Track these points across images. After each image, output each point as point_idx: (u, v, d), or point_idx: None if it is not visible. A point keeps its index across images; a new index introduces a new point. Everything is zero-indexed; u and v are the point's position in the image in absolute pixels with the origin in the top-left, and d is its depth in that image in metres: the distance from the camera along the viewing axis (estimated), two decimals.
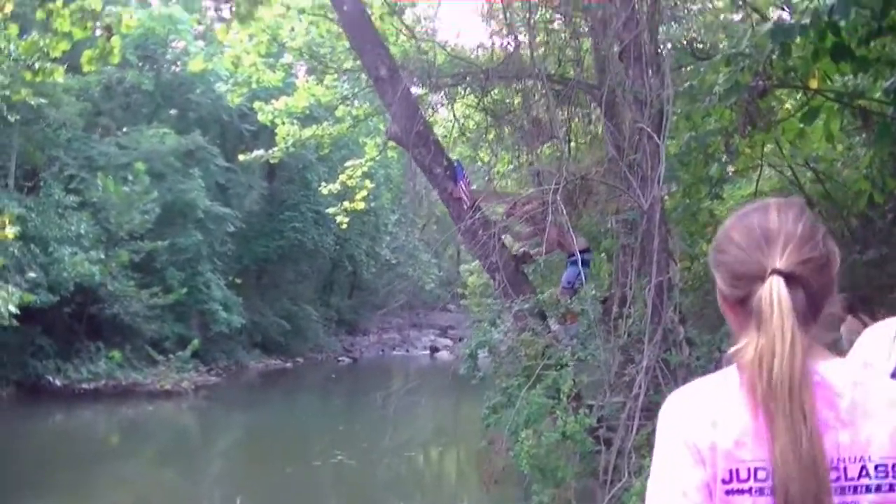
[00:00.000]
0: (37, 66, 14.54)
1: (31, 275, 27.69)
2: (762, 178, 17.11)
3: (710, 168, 11.53)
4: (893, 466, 2.10)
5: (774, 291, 2.14)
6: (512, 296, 10.10)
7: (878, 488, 2.09)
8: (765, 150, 14.48)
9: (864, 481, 2.09)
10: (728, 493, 2.11)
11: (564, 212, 9.37)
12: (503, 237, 11.10)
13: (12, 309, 20.12)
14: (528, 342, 9.36)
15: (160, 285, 34.66)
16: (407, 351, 55.27)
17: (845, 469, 2.09)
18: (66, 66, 15.98)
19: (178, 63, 41.91)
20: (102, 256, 31.25)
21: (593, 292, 10.81)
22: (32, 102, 24.62)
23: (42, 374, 30.82)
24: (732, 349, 2.21)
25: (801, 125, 10.97)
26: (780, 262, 2.17)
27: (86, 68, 15.40)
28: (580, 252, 10.17)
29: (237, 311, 40.13)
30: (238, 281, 42.84)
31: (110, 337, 33.62)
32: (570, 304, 9.85)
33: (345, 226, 25.88)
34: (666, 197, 11.06)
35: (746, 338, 2.16)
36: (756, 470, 2.09)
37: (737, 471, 2.10)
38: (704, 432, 2.15)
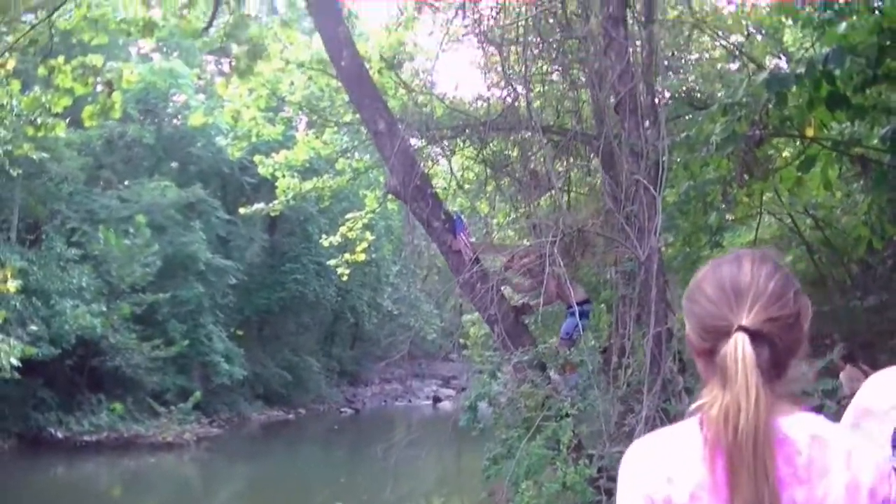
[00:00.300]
0: (39, 121, 14.66)
1: (33, 328, 27.77)
2: (762, 226, 17.16)
3: (709, 217, 11.58)
4: None
5: (739, 348, 2.17)
6: (511, 347, 10.12)
7: None
8: (763, 198, 14.53)
9: None
10: None
11: (562, 263, 9.41)
12: (502, 289, 11.13)
13: (14, 361, 20.17)
14: (527, 394, 9.37)
15: (162, 337, 34.72)
16: (409, 401, 55.18)
17: None
18: (67, 121, 16.12)
19: (179, 117, 42.14)
20: (104, 309, 31.34)
21: (592, 343, 10.84)
22: (35, 157, 24.72)
23: (44, 427, 30.82)
24: (696, 404, 2.25)
25: (799, 173, 11.03)
26: (746, 320, 2.20)
27: (87, 123, 15.52)
28: (579, 304, 10.21)
29: (239, 362, 40.13)
30: (240, 332, 42.88)
31: (112, 389, 33.65)
32: (569, 354, 9.88)
33: (346, 277, 25.89)
34: (664, 247, 11.12)
35: (711, 392, 2.20)
36: None
37: None
38: (660, 486, 2.21)
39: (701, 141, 10.09)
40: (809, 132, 9.69)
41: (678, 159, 10.75)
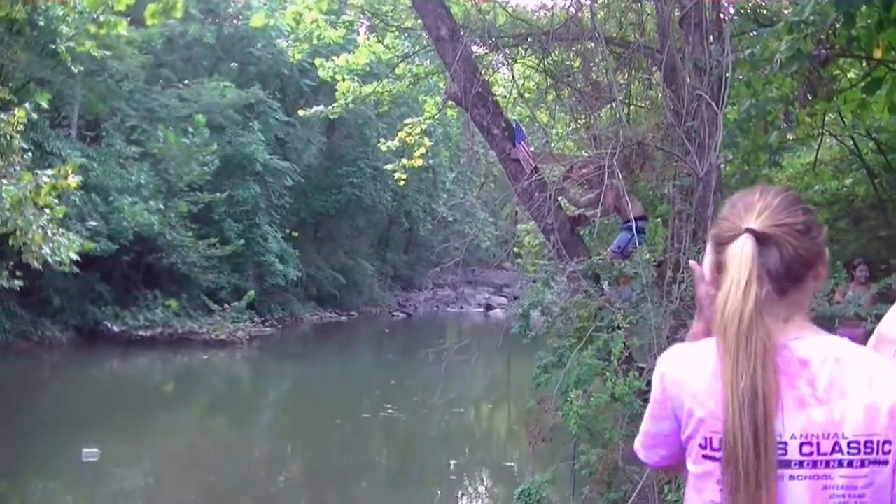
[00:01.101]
0: (101, 18, 14.69)
1: (92, 223, 28.09)
2: (822, 147, 17.01)
3: (770, 136, 11.48)
4: (866, 443, 2.22)
5: (741, 246, 2.32)
6: (566, 257, 10.15)
7: (850, 463, 2.22)
8: (826, 119, 14.40)
9: (837, 456, 2.22)
10: (703, 456, 2.31)
11: (620, 176, 9.40)
12: (560, 199, 11.13)
13: (73, 256, 20.33)
14: (580, 304, 9.41)
15: (218, 236, 35.06)
16: (461, 308, 55.43)
17: (818, 444, 2.23)
18: (129, 20, 16.14)
19: (240, 17, 42.14)
20: (161, 207, 31.66)
21: (647, 256, 10.84)
22: (96, 54, 24.85)
23: (100, 321, 31.35)
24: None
25: (863, 95, 10.89)
26: (753, 223, 2.33)
27: (149, 21, 15.54)
28: (636, 219, 10.20)
29: (293, 263, 40.42)
30: (295, 234, 43.13)
31: (167, 286, 34.09)
32: (624, 267, 9.88)
33: (402, 182, 26.01)
34: (723, 164, 11.06)
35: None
36: (721, 439, 2.25)
37: (710, 439, 2.29)
38: (683, 399, 2.36)
39: (765, 59, 9.96)
40: (877, 54, 9.54)
41: (741, 76, 10.65)
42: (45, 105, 21.37)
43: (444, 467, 17.62)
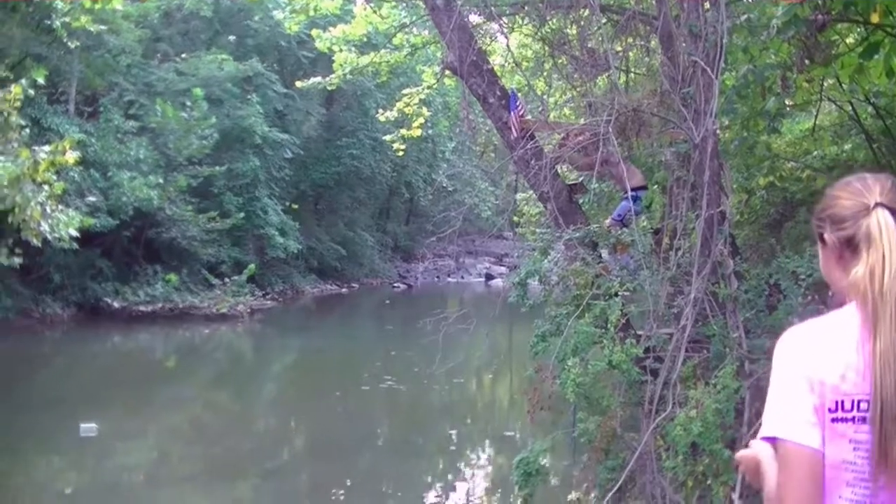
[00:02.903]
0: None
1: (91, 199, 28.11)
2: (821, 113, 16.95)
3: (768, 102, 11.45)
4: None
5: (881, 218, 2.51)
6: (563, 225, 10.14)
7: None
8: (824, 84, 14.34)
9: None
10: (834, 420, 2.42)
11: (617, 143, 9.38)
12: (557, 167, 11.11)
13: (73, 232, 20.38)
14: (578, 272, 9.40)
15: (217, 210, 35.05)
16: (462, 278, 55.53)
17: None
18: None
19: None
20: (161, 181, 31.63)
21: (645, 223, 10.83)
22: (92, 29, 24.85)
23: (101, 297, 31.38)
24: (848, 281, 2.52)
25: (861, 60, 10.86)
26: (881, 198, 2.55)
27: None
28: (636, 189, 10.23)
29: (293, 236, 40.43)
30: (295, 206, 43.10)
31: (168, 260, 34.13)
32: (621, 234, 9.88)
33: (402, 153, 26.06)
34: (720, 130, 11.03)
35: (857, 265, 2.49)
36: (858, 402, 2.39)
37: (841, 402, 2.42)
38: (814, 368, 2.46)
39: (762, 24, 9.94)
40: (875, 18, 9.51)
41: (738, 42, 10.62)
42: (41, 81, 21.35)
43: (445, 437, 17.69)
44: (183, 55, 37.55)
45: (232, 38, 41.10)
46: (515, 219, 17.93)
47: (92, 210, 27.37)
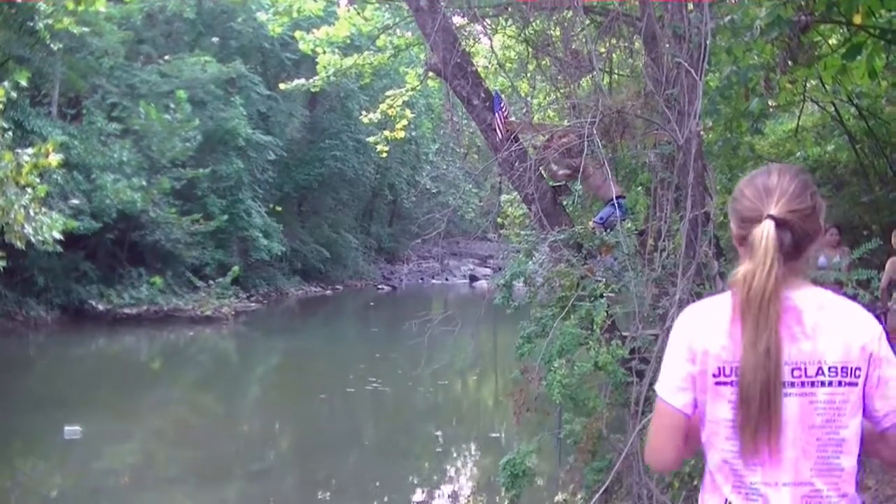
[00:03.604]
0: None
1: (75, 202, 28.06)
2: (804, 114, 17.03)
3: (751, 103, 11.48)
4: (842, 369, 2.88)
5: (764, 231, 2.89)
6: (548, 227, 10.15)
7: (830, 384, 2.88)
8: (807, 85, 14.40)
9: (820, 378, 2.88)
10: (717, 383, 2.92)
11: (600, 145, 9.38)
12: (541, 169, 11.11)
13: (56, 235, 20.33)
14: (563, 273, 9.41)
15: (201, 212, 35.06)
16: (446, 279, 55.59)
17: (805, 369, 2.88)
18: None
19: None
20: (144, 184, 31.64)
21: (629, 225, 10.85)
22: (75, 31, 24.76)
23: (85, 299, 31.35)
24: (731, 276, 2.97)
25: (844, 61, 10.90)
26: (773, 210, 2.92)
27: None
28: (616, 198, 10.27)
29: (277, 238, 40.47)
30: (278, 208, 43.12)
31: (152, 263, 34.13)
32: (606, 236, 9.89)
33: (385, 154, 26.09)
34: (704, 131, 11.05)
35: (741, 266, 2.91)
36: (734, 368, 2.88)
37: (722, 368, 2.91)
38: (700, 340, 2.96)
39: (745, 25, 9.96)
40: (857, 19, 9.54)
41: (722, 43, 10.64)
42: (24, 83, 21.29)
43: (431, 439, 17.68)
44: (166, 57, 37.54)
45: (215, 39, 41.12)
46: (500, 220, 17.89)
47: (75, 213, 27.36)
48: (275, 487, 14.41)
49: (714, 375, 2.92)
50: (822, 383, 2.87)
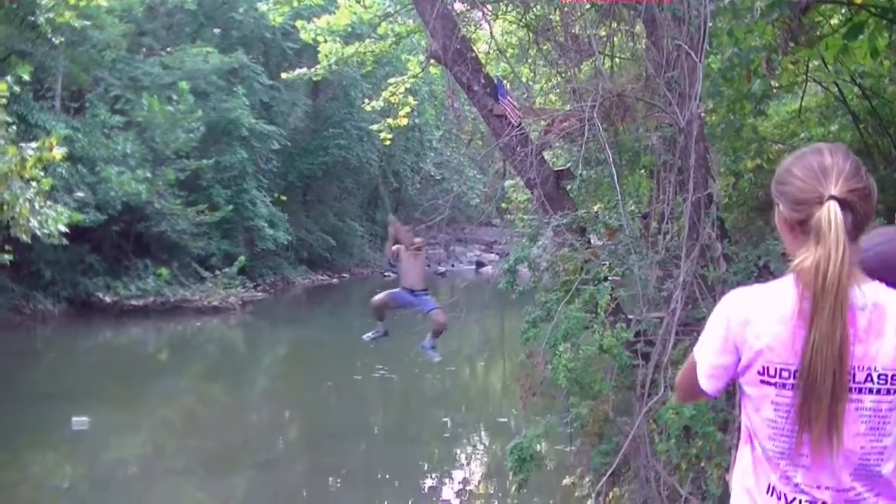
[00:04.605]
0: None
1: (79, 194, 28.09)
2: (807, 95, 16.98)
3: (753, 84, 11.47)
4: (892, 377, 2.72)
5: (832, 213, 2.71)
6: (551, 211, 10.17)
7: (878, 391, 2.73)
8: (809, 66, 14.36)
9: (868, 385, 2.73)
10: (761, 381, 2.81)
11: (601, 128, 9.39)
12: (543, 153, 11.13)
13: (62, 228, 20.38)
14: (566, 257, 9.44)
15: (206, 203, 35.04)
16: (452, 266, 55.50)
17: (854, 374, 2.71)
18: None
19: None
20: (149, 175, 31.62)
21: (632, 208, 10.85)
22: (76, 24, 24.79)
23: (92, 292, 31.34)
24: (793, 263, 2.79)
25: (845, 41, 10.87)
26: (834, 190, 2.75)
27: None
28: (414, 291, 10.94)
29: (283, 227, 40.42)
30: (283, 198, 43.06)
31: (158, 254, 34.11)
32: (609, 219, 9.90)
33: (389, 142, 26.03)
34: (705, 114, 11.04)
35: (805, 252, 2.74)
36: (781, 370, 2.76)
37: (767, 368, 2.78)
38: (747, 335, 2.82)
39: (745, 6, 9.95)
40: None
41: (722, 25, 10.63)
42: (27, 77, 21.35)
43: (439, 425, 17.72)
44: (168, 49, 37.52)
45: (217, 30, 41.03)
46: (504, 206, 17.91)
47: (80, 205, 27.37)
48: (285, 476, 14.45)
49: (759, 373, 2.81)
50: (870, 390, 2.73)
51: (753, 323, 2.80)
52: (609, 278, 8.92)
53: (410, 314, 13.22)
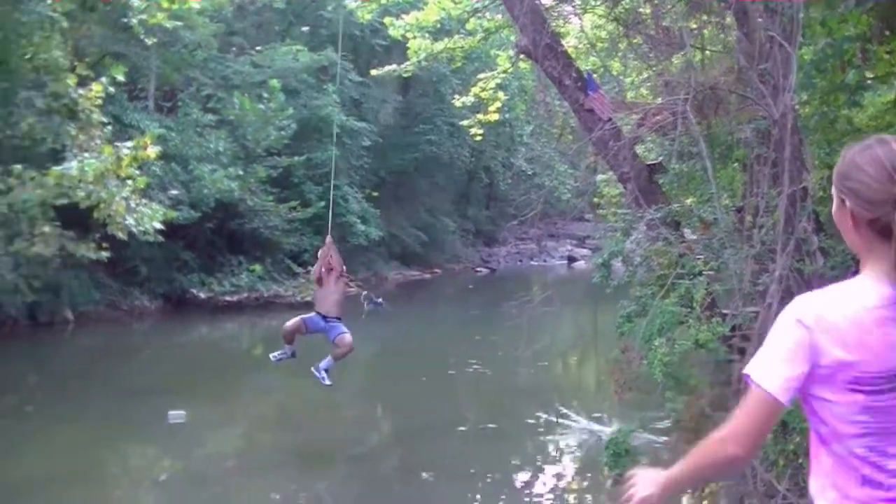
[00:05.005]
0: None
1: (174, 192, 28.47)
2: None
3: (847, 75, 11.32)
4: None
5: None
6: (644, 205, 10.12)
7: None
8: None
9: None
10: (850, 390, 2.68)
11: (694, 122, 9.33)
12: (636, 147, 11.09)
13: (157, 225, 20.71)
14: (660, 252, 9.41)
15: (298, 200, 35.34)
16: (544, 261, 55.41)
17: None
18: None
19: None
20: (241, 173, 31.97)
21: (726, 202, 10.77)
22: (168, 25, 25.11)
23: (187, 288, 31.79)
24: (870, 264, 2.72)
25: None
26: None
27: None
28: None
29: (375, 223, 40.54)
30: (375, 194, 43.16)
31: (251, 251, 34.45)
32: (703, 213, 9.84)
33: (479, 138, 26.05)
34: (799, 106, 10.91)
35: (880, 253, 2.67)
36: (874, 378, 2.65)
37: (857, 378, 2.66)
38: (828, 347, 2.68)
39: None
40: None
41: (815, 15, 10.50)
42: (121, 78, 21.70)
43: (532, 420, 17.68)
44: (258, 47, 37.84)
45: (306, 28, 41.34)
46: (596, 200, 17.86)
47: (174, 203, 27.72)
48: (379, 470, 14.55)
49: (848, 382, 2.69)
50: None
51: (838, 332, 2.68)
52: (704, 272, 8.87)
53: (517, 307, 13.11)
